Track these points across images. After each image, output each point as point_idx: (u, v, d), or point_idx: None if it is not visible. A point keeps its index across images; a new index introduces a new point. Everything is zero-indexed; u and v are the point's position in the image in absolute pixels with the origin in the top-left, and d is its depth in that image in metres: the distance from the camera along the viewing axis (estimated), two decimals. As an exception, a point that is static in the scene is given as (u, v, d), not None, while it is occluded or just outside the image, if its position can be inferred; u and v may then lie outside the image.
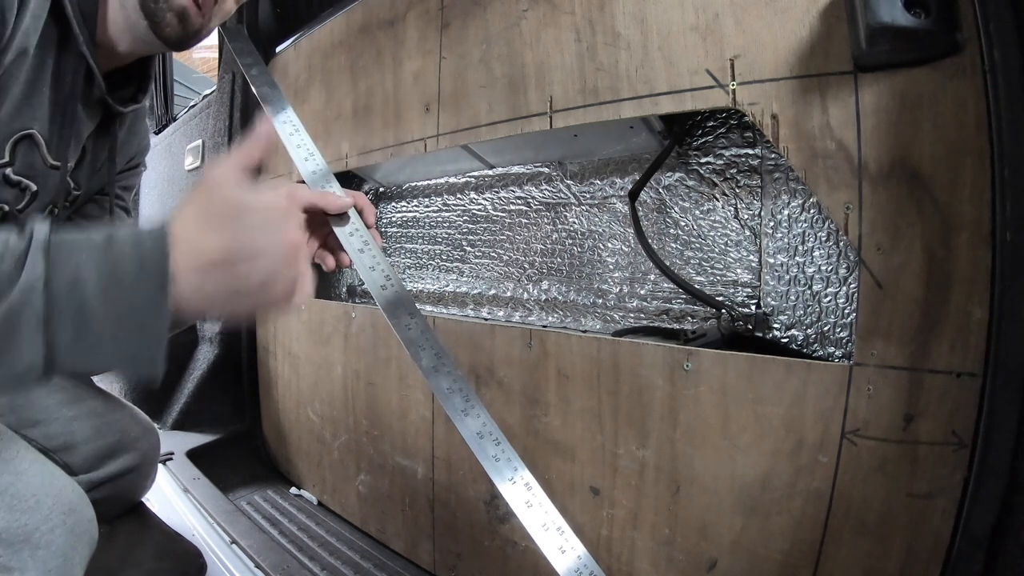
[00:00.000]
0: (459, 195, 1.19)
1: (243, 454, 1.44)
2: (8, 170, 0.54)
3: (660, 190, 0.87)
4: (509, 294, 1.09)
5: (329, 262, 0.65)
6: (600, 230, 0.95)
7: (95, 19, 0.56)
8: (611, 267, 0.93)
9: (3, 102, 0.51)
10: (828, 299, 0.69)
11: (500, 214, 1.11)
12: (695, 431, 0.64)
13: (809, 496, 0.57)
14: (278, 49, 1.40)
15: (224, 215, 0.39)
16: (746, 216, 0.78)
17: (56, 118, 0.56)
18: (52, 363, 0.35)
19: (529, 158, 1.01)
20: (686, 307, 0.85)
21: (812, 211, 0.71)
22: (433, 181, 1.25)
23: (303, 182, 0.66)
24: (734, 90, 0.61)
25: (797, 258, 0.73)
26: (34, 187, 0.57)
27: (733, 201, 0.79)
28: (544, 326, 0.98)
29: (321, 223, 0.64)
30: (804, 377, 0.57)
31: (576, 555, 0.45)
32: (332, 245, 0.65)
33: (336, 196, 0.60)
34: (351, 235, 0.60)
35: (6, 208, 0.56)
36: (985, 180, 0.48)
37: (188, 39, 0.61)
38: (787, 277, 0.74)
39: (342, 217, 0.61)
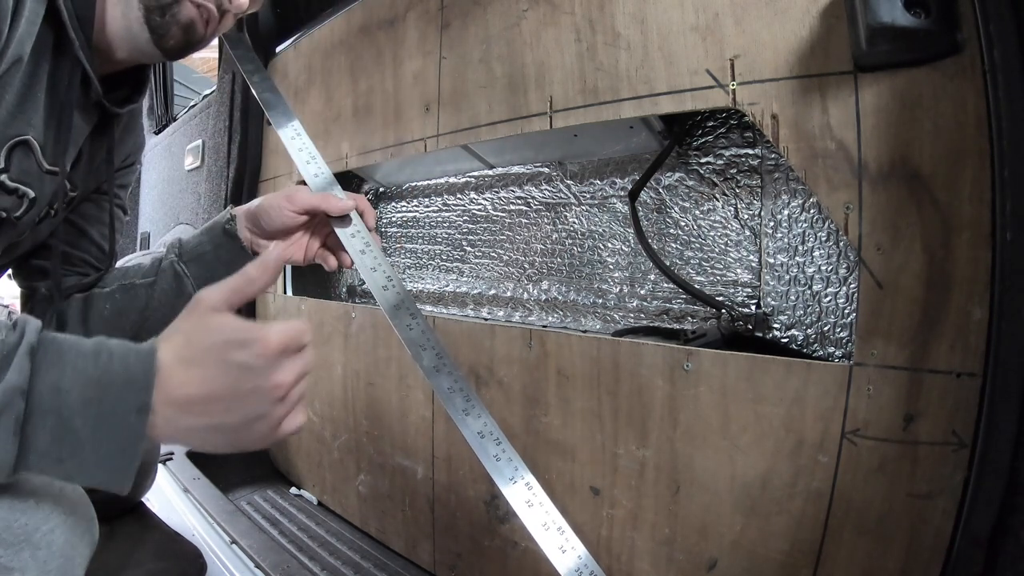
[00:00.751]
0: (459, 195, 1.19)
1: (243, 454, 1.44)
2: (3, 176, 0.53)
3: (660, 190, 0.87)
4: (509, 294, 1.09)
5: (331, 262, 0.65)
6: (600, 230, 0.95)
7: (91, 24, 0.55)
8: (611, 267, 0.93)
9: None
10: (828, 299, 0.69)
11: (500, 214, 1.11)
12: (695, 431, 0.64)
13: (809, 496, 0.57)
14: (278, 49, 1.40)
15: (209, 351, 0.38)
16: (746, 216, 0.78)
17: (52, 124, 0.56)
18: (22, 465, 0.35)
19: (529, 158, 1.01)
20: (686, 307, 0.85)
21: (812, 211, 0.71)
22: (433, 181, 1.25)
23: (303, 182, 0.66)
24: (734, 90, 0.61)
25: (797, 258, 0.73)
26: (32, 193, 0.56)
27: (733, 201, 0.79)
28: (544, 326, 0.98)
29: (321, 224, 0.65)
30: (804, 377, 0.57)
31: (576, 555, 0.45)
32: (332, 244, 0.65)
33: (337, 199, 0.61)
34: (353, 237, 0.60)
35: (3, 215, 0.56)
36: (985, 180, 0.48)
37: (188, 51, 0.60)
38: (787, 277, 0.74)
39: (344, 219, 0.61)
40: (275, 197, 0.62)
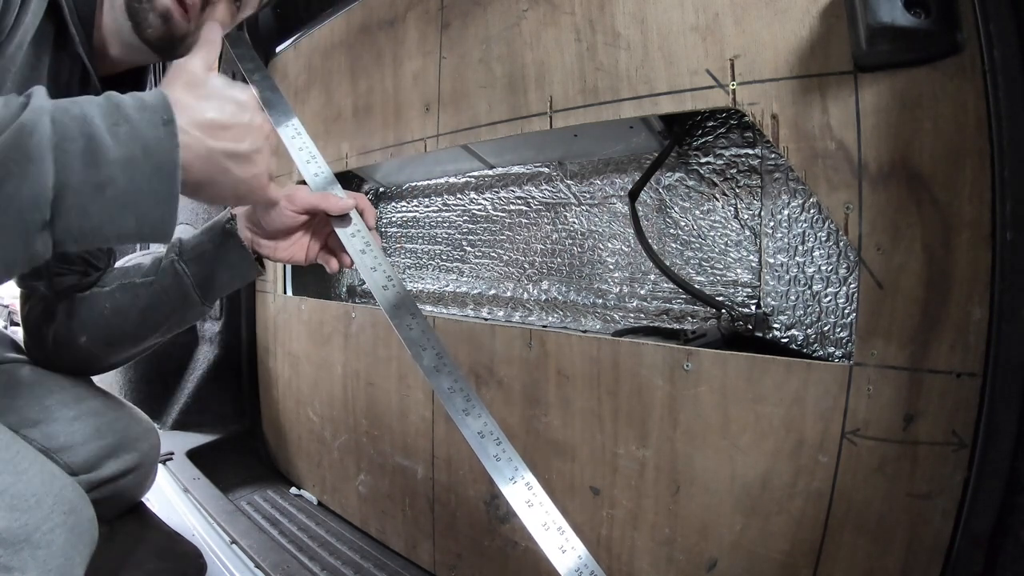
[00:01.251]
0: (459, 195, 1.19)
1: (243, 454, 1.44)
2: None
3: (660, 190, 0.87)
4: (509, 294, 1.09)
5: (332, 264, 0.65)
6: (600, 230, 0.95)
7: (92, 22, 0.55)
8: (611, 267, 0.93)
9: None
10: (828, 299, 0.69)
11: (500, 214, 1.11)
12: (695, 431, 0.64)
13: (809, 496, 0.57)
14: (278, 49, 1.40)
15: (212, 89, 0.44)
16: (746, 216, 0.78)
17: None
18: (63, 198, 0.34)
19: (529, 158, 1.01)
20: (686, 307, 0.85)
21: (812, 211, 0.71)
22: (433, 181, 1.25)
23: (303, 182, 0.66)
24: (734, 90, 0.61)
25: (797, 258, 0.73)
26: None
27: (733, 201, 0.79)
28: (544, 326, 0.98)
29: (321, 224, 0.64)
30: (804, 377, 0.57)
31: (576, 555, 0.45)
32: (332, 246, 0.65)
33: (337, 198, 0.61)
34: (353, 236, 0.60)
35: None
36: (985, 180, 0.48)
37: (173, 44, 0.59)
38: (787, 277, 0.74)
39: (344, 219, 0.61)
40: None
